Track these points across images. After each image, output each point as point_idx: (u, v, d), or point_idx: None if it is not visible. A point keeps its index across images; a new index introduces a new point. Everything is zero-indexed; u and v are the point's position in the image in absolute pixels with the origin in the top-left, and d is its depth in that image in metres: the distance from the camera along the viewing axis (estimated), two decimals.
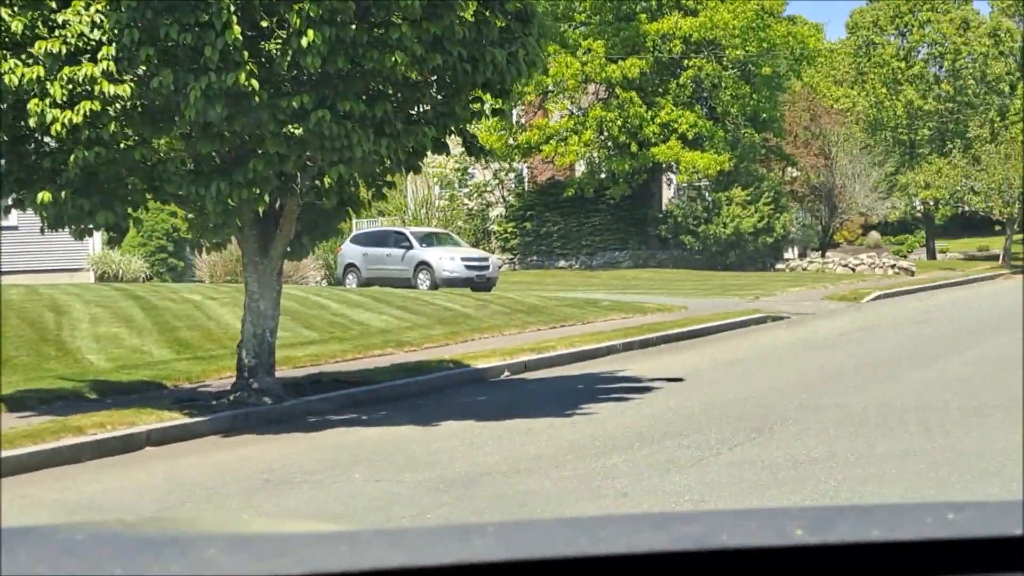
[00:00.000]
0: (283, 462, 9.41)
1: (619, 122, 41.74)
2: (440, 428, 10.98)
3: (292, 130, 10.49)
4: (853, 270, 42.46)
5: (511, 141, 42.83)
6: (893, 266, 42.01)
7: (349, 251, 33.81)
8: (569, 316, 22.59)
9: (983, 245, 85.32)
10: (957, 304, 27.27)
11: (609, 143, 43.46)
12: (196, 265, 33.69)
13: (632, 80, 41.70)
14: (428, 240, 33.54)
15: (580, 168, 46.45)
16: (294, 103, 10.34)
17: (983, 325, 21.00)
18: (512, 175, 47.51)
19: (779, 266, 43.87)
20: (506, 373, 15.53)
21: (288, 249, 12.39)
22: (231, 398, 11.91)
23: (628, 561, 1.30)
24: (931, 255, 73.36)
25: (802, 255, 52.16)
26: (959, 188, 47.21)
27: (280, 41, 10.52)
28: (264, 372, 12.01)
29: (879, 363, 15.23)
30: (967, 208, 50.93)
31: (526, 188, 48.00)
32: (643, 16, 42.66)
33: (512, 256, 45.78)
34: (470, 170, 46.63)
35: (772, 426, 10.10)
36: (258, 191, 11.29)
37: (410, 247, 32.47)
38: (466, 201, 47.25)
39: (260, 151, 10.94)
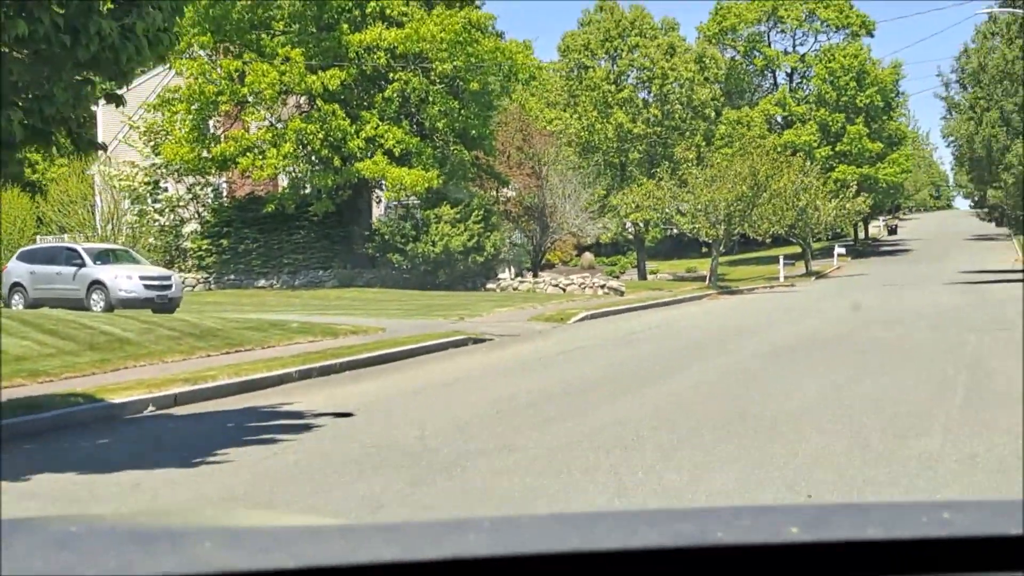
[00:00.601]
0: None
1: (320, 135, 39.62)
2: (25, 485, 8.57)
3: None
4: (564, 290, 41.76)
5: (205, 153, 39.97)
6: (603, 286, 41.55)
7: (15, 269, 30.47)
8: (248, 340, 20.28)
9: (692, 266, 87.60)
10: (663, 325, 26.48)
11: (312, 157, 41.25)
12: None
13: (334, 92, 39.69)
14: (104, 257, 30.43)
15: (284, 183, 44.06)
16: None
17: (688, 346, 20.02)
18: (209, 189, 44.57)
19: (490, 286, 42.70)
20: (151, 408, 13.15)
21: None
22: None
23: (623, 557, 1.30)
24: (642, 276, 74.47)
25: (519, 275, 51.48)
26: (667, 210, 47.35)
27: None
28: None
29: (575, 391, 13.70)
30: (676, 230, 51.26)
31: (223, 203, 45.10)
32: (345, 26, 40.69)
33: (208, 275, 42.82)
34: (162, 183, 43.49)
35: (434, 477, 8.24)
36: None
37: (83, 265, 29.35)
38: (157, 217, 43.98)
39: None
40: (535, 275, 47.12)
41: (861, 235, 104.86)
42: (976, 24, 41.49)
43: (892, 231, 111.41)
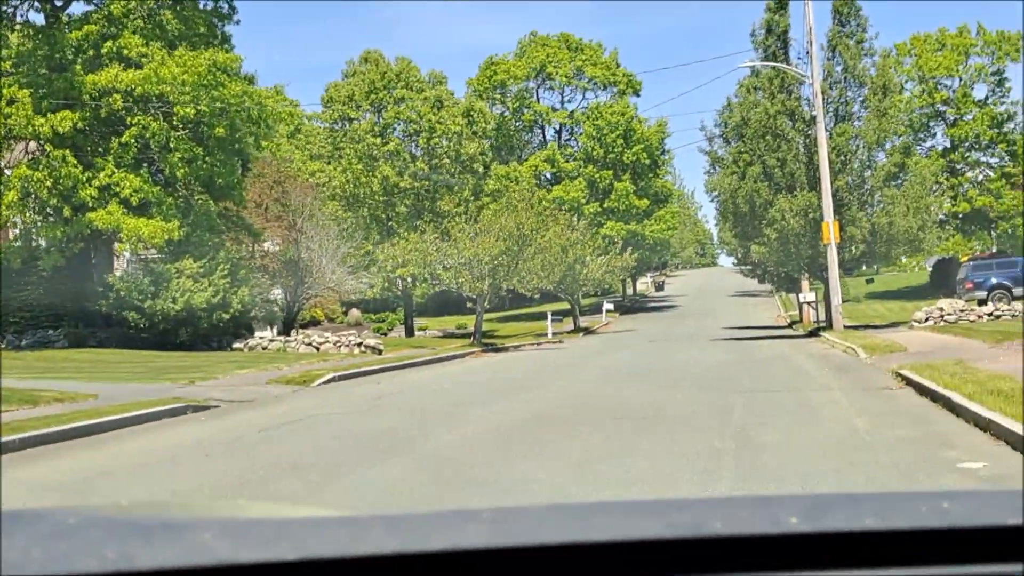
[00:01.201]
0: None
1: (48, 183, 35.99)
2: None
3: None
4: (317, 349, 39.10)
5: None
6: (360, 344, 39.05)
7: None
8: None
9: (462, 323, 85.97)
10: (411, 388, 24.16)
11: (39, 207, 37.52)
12: None
13: (65, 136, 36.19)
14: None
15: (11, 234, 40.06)
16: None
17: (437, 412, 17.76)
18: None
19: (237, 345, 39.64)
20: None
21: None
22: None
23: (622, 547, 1.31)
24: (410, 332, 72.40)
25: (285, 333, 48.68)
26: (431, 264, 45.23)
27: None
28: None
29: (273, 477, 11.22)
30: (443, 285, 49.11)
31: None
32: (79, 67, 37.30)
33: None
34: None
35: None
36: None
37: None
38: None
39: None
40: (288, 333, 44.22)
41: (630, 291, 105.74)
42: (739, 79, 41.15)
43: (659, 287, 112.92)
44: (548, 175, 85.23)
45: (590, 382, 22.14)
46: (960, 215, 74.46)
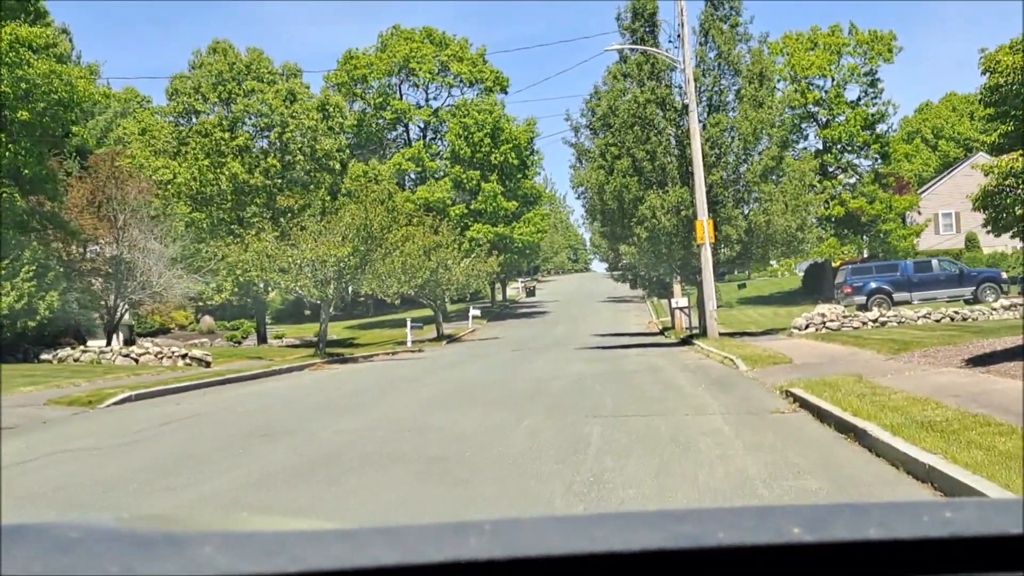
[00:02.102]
0: None
1: None
2: None
3: None
4: (137, 361, 34.64)
5: None
6: (184, 356, 34.69)
7: None
8: None
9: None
10: (217, 410, 20.11)
11: None
12: None
13: None
14: None
15: None
16: None
17: (192, 455, 13.80)
18: None
19: (45, 356, 34.94)
20: None
21: None
22: None
23: (624, 559, 1.30)
24: (262, 341, 67.89)
25: (129, 342, 44.18)
26: (267, 267, 40.78)
27: None
28: None
29: None
30: (278, 290, 44.63)
31: None
32: None
33: None
34: None
35: None
36: None
37: None
38: None
39: None
40: (108, 342, 39.58)
41: (499, 297, 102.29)
42: (608, 64, 37.62)
43: (530, 293, 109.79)
44: (413, 175, 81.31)
45: (420, 405, 18.37)
46: (833, 219, 72.63)
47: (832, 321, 34.37)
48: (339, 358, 40.22)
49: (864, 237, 75.82)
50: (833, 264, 77.73)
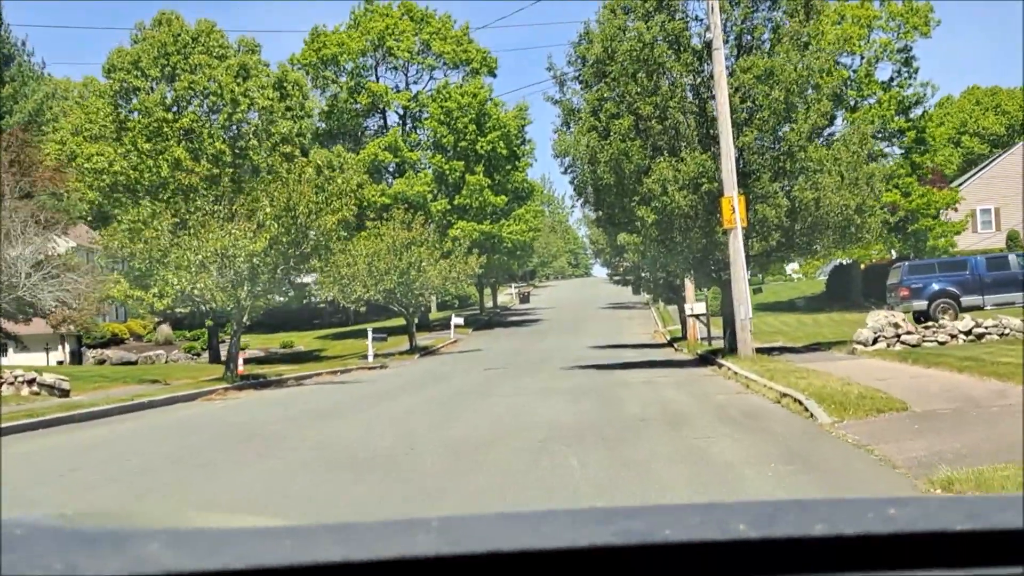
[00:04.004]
0: None
1: None
2: None
3: None
4: None
5: None
6: (32, 382, 25.70)
7: None
8: None
9: (289, 340, 72.56)
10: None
11: None
12: None
13: None
14: None
15: None
16: None
17: None
18: None
19: None
20: None
21: None
22: None
23: (572, 555, 1.29)
24: (215, 354, 59.36)
25: (75, 354, 35.94)
26: (155, 263, 31.46)
27: None
28: None
29: None
30: (169, 298, 35.23)
31: None
32: None
33: None
34: None
35: None
36: None
37: None
38: None
39: None
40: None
41: (490, 303, 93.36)
42: None
43: (524, 299, 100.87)
44: (391, 167, 72.29)
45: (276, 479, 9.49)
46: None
47: (909, 334, 25.29)
48: (258, 381, 31.22)
49: (897, 235, 66.67)
50: (861, 266, 68.85)
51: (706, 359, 30.64)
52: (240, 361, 34.18)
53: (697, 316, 38.14)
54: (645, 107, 26.43)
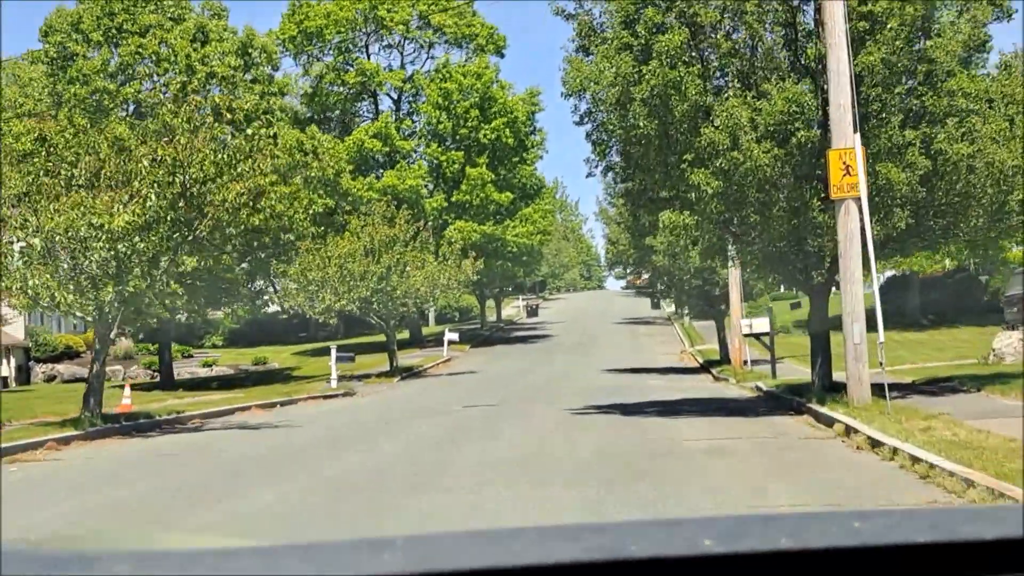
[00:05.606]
0: None
1: None
2: None
3: None
4: None
5: None
6: None
7: None
8: None
9: (262, 356, 63.38)
10: None
11: None
12: None
13: None
14: None
15: None
16: None
17: None
18: None
19: None
20: None
21: None
22: None
23: (540, 572, 1.29)
24: (168, 372, 50.51)
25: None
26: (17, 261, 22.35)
27: None
28: None
29: None
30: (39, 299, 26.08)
31: None
32: None
33: None
34: None
35: None
36: None
37: None
38: None
39: None
40: None
41: (494, 317, 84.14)
42: None
43: (532, 312, 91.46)
44: (380, 157, 62.95)
45: None
46: None
47: None
48: (132, 425, 21.66)
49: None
50: (919, 276, 59.36)
51: (778, 399, 21.33)
52: (127, 391, 25.10)
53: (757, 336, 28.82)
54: (707, 14, 17.12)
